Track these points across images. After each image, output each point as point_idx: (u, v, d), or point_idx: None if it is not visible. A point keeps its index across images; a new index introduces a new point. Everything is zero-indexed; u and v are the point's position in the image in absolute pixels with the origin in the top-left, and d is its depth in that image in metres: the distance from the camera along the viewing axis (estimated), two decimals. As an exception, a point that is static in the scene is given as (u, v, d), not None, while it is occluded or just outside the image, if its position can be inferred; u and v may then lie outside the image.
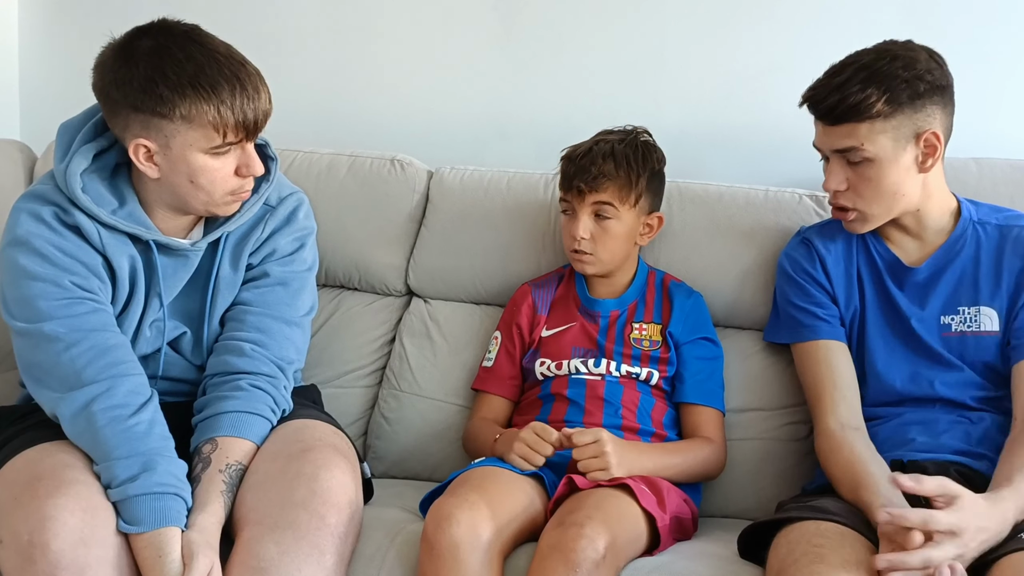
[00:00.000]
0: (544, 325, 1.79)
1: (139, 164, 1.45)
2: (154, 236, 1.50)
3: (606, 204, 1.70)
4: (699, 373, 1.73)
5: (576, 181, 1.70)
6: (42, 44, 2.36)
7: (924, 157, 1.56)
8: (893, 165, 1.55)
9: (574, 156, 1.73)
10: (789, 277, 1.70)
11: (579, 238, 1.70)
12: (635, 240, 1.75)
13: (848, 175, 1.57)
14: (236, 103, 1.41)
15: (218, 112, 1.40)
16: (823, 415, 1.59)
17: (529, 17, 2.14)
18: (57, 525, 1.31)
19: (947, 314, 1.61)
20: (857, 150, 1.54)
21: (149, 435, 1.41)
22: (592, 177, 1.69)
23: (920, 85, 1.52)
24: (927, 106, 1.53)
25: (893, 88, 1.51)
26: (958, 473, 1.46)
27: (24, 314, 1.45)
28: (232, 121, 1.42)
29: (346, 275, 2.01)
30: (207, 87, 1.40)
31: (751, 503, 1.74)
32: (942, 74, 1.55)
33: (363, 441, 1.92)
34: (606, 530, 1.40)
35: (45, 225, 1.46)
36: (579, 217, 1.71)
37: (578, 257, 1.73)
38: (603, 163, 1.69)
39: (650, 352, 1.73)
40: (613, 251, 1.73)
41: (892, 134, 1.53)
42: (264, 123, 1.47)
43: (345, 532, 1.41)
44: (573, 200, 1.72)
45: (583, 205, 1.71)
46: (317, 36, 2.23)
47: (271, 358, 1.55)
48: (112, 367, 1.44)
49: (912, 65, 1.53)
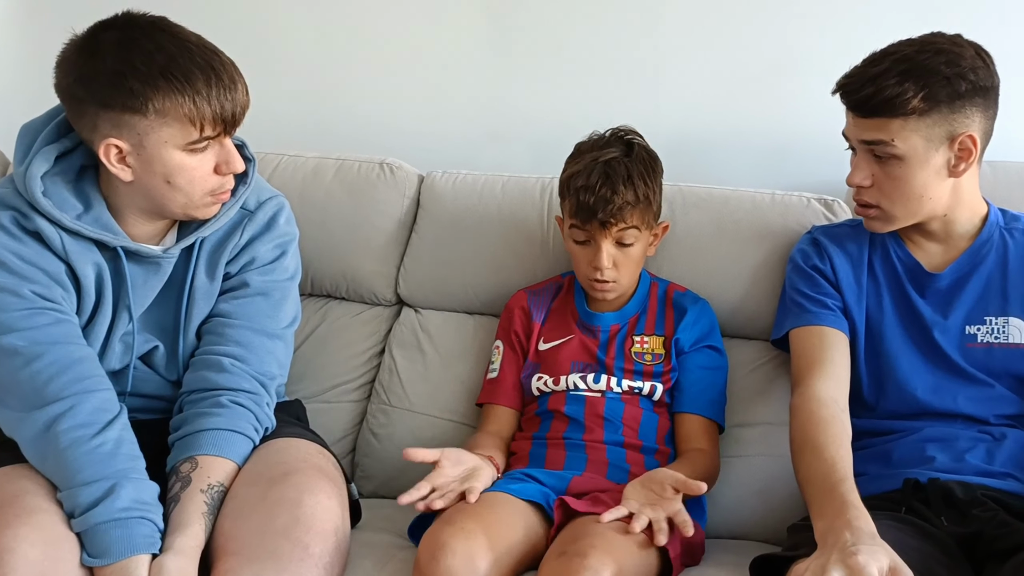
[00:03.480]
0: (541, 337, 1.74)
1: (110, 166, 1.38)
2: (122, 242, 1.44)
3: (631, 229, 1.63)
4: (699, 383, 1.68)
5: (600, 215, 1.61)
6: (11, 43, 2.32)
7: (957, 161, 1.50)
8: (923, 166, 1.49)
9: (589, 185, 1.62)
10: (799, 268, 1.66)
11: (604, 268, 1.64)
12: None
13: (874, 171, 1.52)
14: (212, 93, 1.35)
15: (194, 103, 1.34)
16: (811, 379, 1.51)
17: (523, 17, 2.11)
18: (16, 558, 1.24)
19: (972, 324, 1.55)
20: (886, 145, 1.48)
21: (115, 455, 1.34)
22: (617, 208, 1.60)
23: (962, 84, 1.46)
24: (966, 107, 1.47)
25: (932, 85, 1.45)
26: (986, 497, 1.40)
27: None
28: (209, 113, 1.35)
29: (333, 284, 1.96)
30: (180, 77, 1.33)
31: (760, 524, 1.68)
32: (987, 74, 1.49)
33: (350, 459, 1.88)
34: (612, 560, 1.33)
35: (3, 231, 1.40)
36: (601, 247, 1.63)
37: (600, 286, 1.67)
38: (624, 191, 1.61)
39: (652, 367, 1.68)
40: (633, 273, 1.69)
41: (925, 133, 1.47)
42: (242, 116, 1.41)
43: (331, 562, 1.34)
44: (593, 232, 1.63)
45: (606, 236, 1.63)
46: (304, 36, 2.20)
47: (252, 373, 1.49)
48: (76, 382, 1.37)
49: (956, 62, 1.46)
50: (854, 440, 1.51)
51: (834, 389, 1.51)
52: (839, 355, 1.56)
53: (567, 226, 1.68)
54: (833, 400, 1.48)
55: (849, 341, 1.60)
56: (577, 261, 1.69)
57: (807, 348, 1.58)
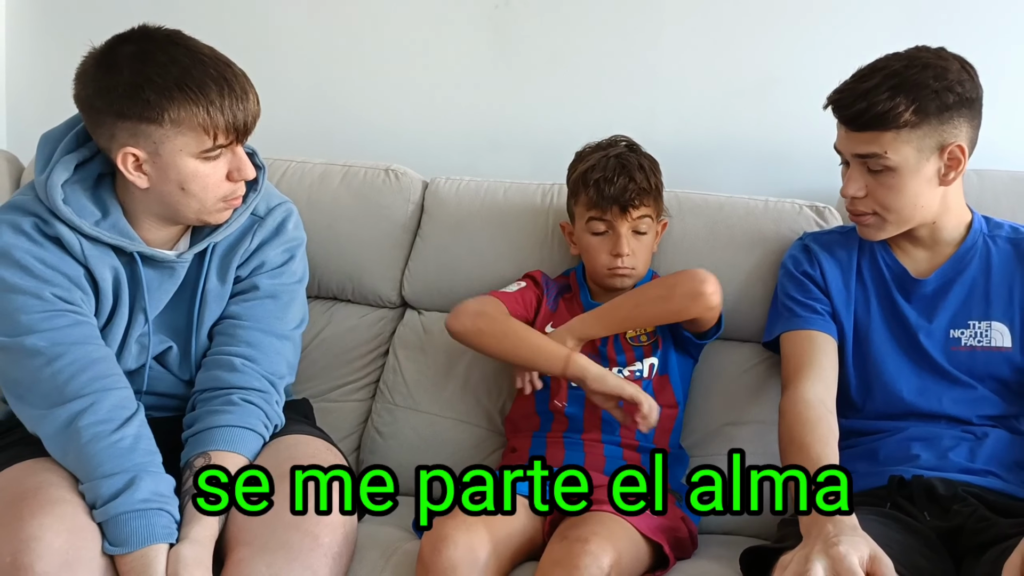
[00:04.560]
0: (550, 321, 1.75)
1: (127, 174, 1.42)
2: (138, 248, 1.47)
3: (647, 217, 1.70)
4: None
5: (621, 199, 1.67)
6: (28, 54, 2.34)
7: (947, 170, 1.53)
8: (914, 175, 1.52)
9: (607, 176, 1.68)
10: (790, 274, 1.69)
11: (624, 255, 1.69)
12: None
13: (867, 182, 1.55)
14: (225, 104, 1.39)
15: (207, 113, 1.38)
16: (800, 381, 1.54)
17: (526, 27, 2.13)
18: (41, 547, 1.27)
19: (956, 328, 1.58)
20: (879, 158, 1.51)
21: (134, 450, 1.37)
22: (635, 194, 1.67)
23: (949, 97, 1.49)
24: (954, 118, 1.50)
25: (922, 98, 1.48)
26: (967, 493, 1.43)
27: (5, 328, 1.42)
28: (222, 122, 1.39)
29: (339, 287, 1.98)
30: (195, 88, 1.37)
31: (753, 520, 1.70)
32: (973, 86, 1.52)
33: (356, 456, 1.90)
34: (611, 547, 1.38)
35: (25, 236, 1.43)
36: (621, 234, 1.69)
37: (621, 272, 1.71)
38: (640, 178, 1.68)
39: (648, 344, 1.71)
40: (647, 262, 1.75)
41: (916, 144, 1.50)
42: (253, 125, 1.44)
43: (339, 552, 1.38)
44: (613, 219, 1.69)
45: (625, 222, 1.69)
46: (311, 45, 2.22)
47: (263, 373, 1.52)
48: (96, 381, 1.40)
49: (943, 75, 1.49)
50: (842, 439, 1.54)
51: (822, 391, 1.53)
52: (827, 358, 1.59)
53: (584, 220, 1.71)
54: (820, 401, 1.51)
55: (838, 344, 1.62)
56: (595, 253, 1.71)
57: (796, 351, 1.60)
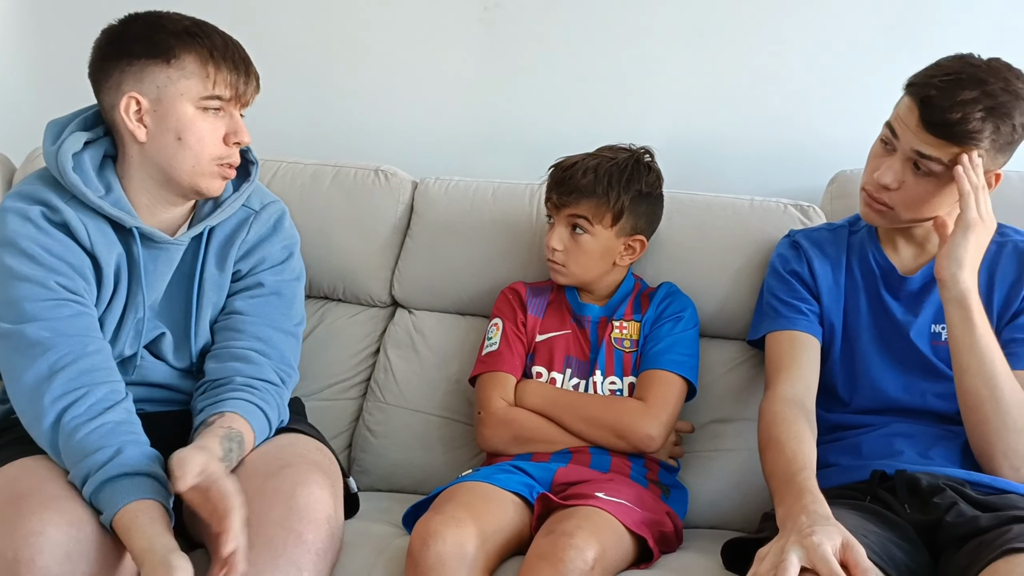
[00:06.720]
0: (538, 329, 1.77)
1: (128, 122, 1.46)
2: (136, 223, 1.49)
3: (580, 218, 1.70)
4: (661, 342, 1.71)
5: (553, 192, 1.72)
6: (20, 55, 2.35)
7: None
8: (951, 189, 1.50)
9: (559, 167, 1.74)
10: (778, 274, 1.70)
11: (552, 247, 1.72)
12: (614, 260, 1.74)
13: (906, 178, 1.52)
14: (228, 54, 1.47)
15: (211, 57, 1.46)
16: (780, 381, 1.56)
17: (516, 27, 2.14)
18: (42, 540, 1.28)
19: (938, 323, 1.60)
20: (936, 162, 1.48)
21: (117, 431, 1.38)
22: (568, 191, 1.69)
23: (1019, 135, 1.48)
24: (1009, 153, 1.50)
25: (1003, 134, 1.46)
26: (947, 486, 1.44)
27: (9, 315, 1.43)
28: (225, 72, 1.46)
29: (330, 286, 2.00)
30: (202, 36, 1.46)
31: (737, 514, 1.73)
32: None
33: (348, 454, 1.91)
34: (596, 541, 1.39)
35: (32, 225, 1.45)
36: (555, 227, 1.72)
37: (552, 266, 1.75)
38: (582, 178, 1.68)
39: (631, 354, 1.72)
40: (585, 266, 1.73)
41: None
42: (252, 95, 1.51)
43: (324, 548, 1.39)
44: (552, 209, 1.73)
45: (559, 216, 1.72)
46: (303, 48, 2.23)
47: (275, 367, 1.54)
48: (86, 374, 1.41)
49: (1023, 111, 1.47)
50: (828, 433, 1.58)
51: (801, 391, 1.55)
52: (808, 358, 1.60)
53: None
54: (798, 401, 1.52)
55: (826, 340, 1.64)
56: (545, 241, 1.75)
57: (779, 352, 1.62)
